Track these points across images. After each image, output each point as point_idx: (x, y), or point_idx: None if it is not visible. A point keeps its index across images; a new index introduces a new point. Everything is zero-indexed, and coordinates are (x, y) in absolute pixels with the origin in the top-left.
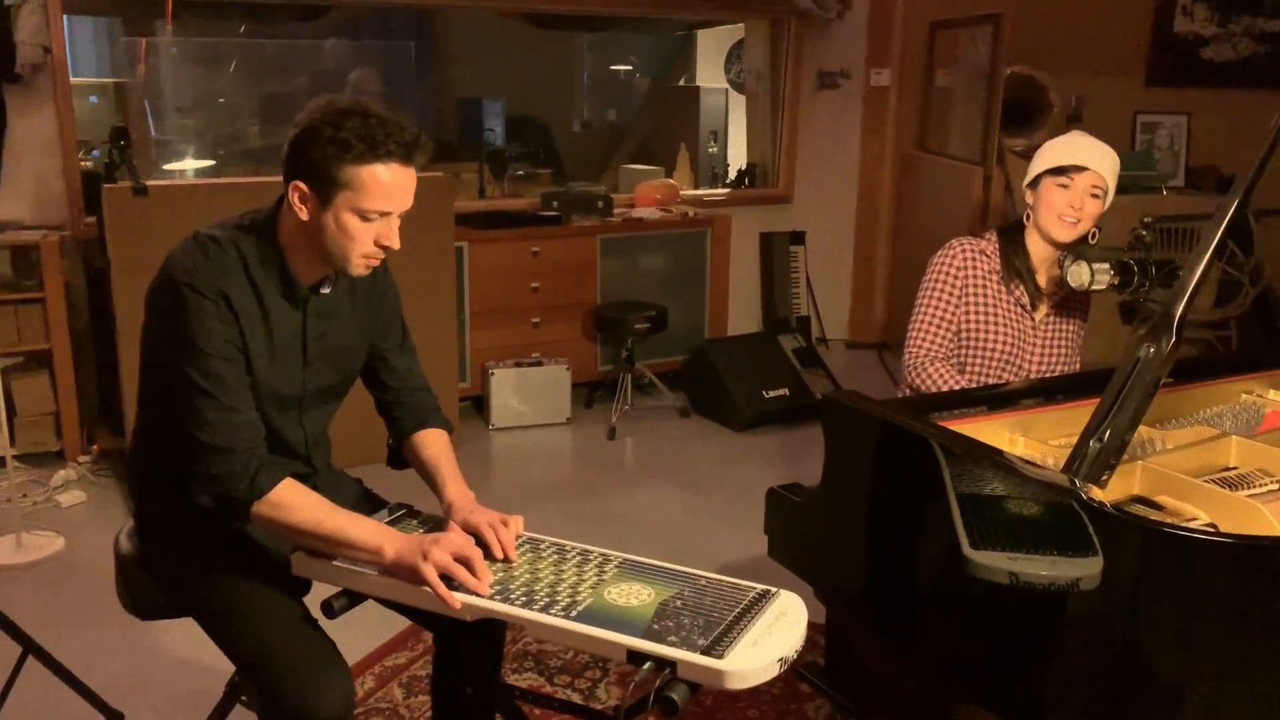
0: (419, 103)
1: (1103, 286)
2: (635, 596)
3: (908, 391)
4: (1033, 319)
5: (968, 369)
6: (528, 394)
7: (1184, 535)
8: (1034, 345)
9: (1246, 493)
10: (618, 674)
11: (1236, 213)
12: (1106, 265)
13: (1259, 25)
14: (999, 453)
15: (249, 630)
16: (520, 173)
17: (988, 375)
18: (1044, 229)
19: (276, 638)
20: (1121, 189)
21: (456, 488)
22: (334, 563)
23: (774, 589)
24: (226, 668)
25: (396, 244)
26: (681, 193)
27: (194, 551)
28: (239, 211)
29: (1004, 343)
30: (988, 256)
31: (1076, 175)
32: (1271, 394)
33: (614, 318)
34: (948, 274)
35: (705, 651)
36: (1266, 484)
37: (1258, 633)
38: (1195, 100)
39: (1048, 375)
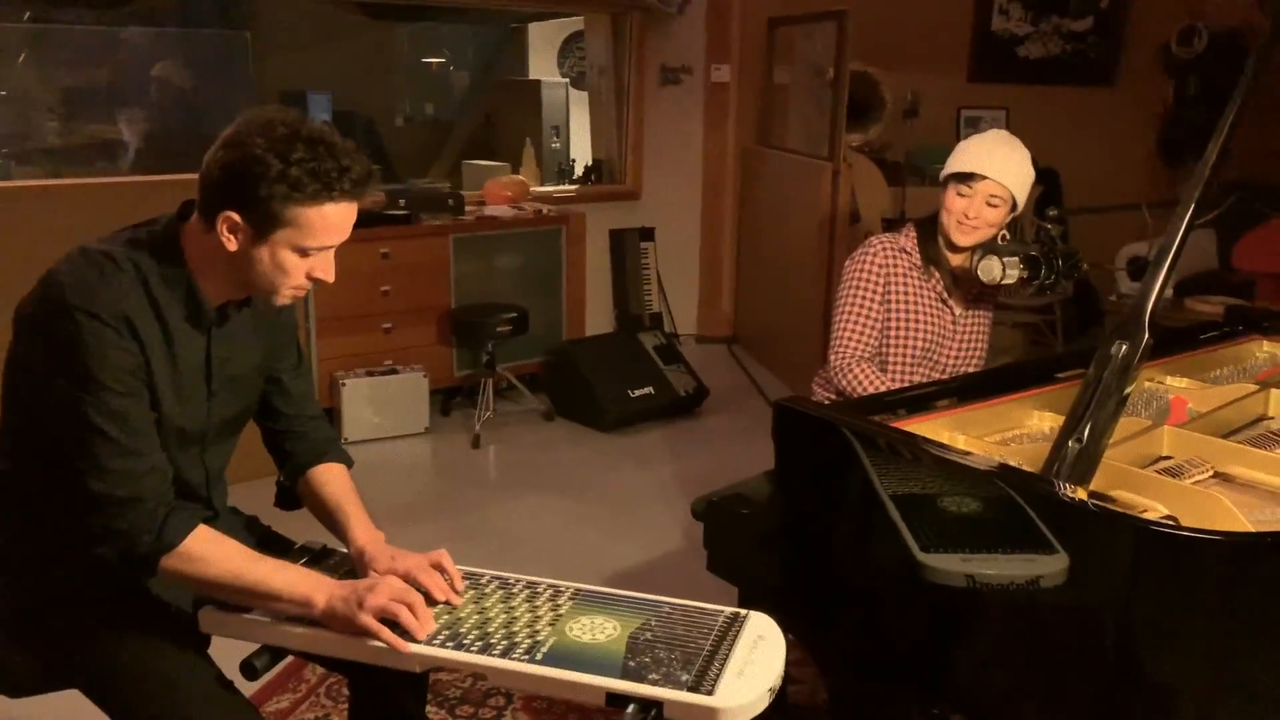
0: (236, 97)
1: (1012, 280)
2: (600, 631)
3: (824, 392)
4: (952, 313)
5: (889, 366)
6: (382, 404)
7: (1178, 534)
8: (952, 339)
9: (1189, 481)
10: (522, 699)
11: (1193, 216)
12: (1016, 259)
13: (1066, 25)
14: (979, 457)
15: (158, 701)
16: None
17: (906, 371)
18: (944, 230)
19: (192, 708)
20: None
21: (365, 530)
22: (249, 615)
23: (742, 611)
24: None
25: (331, 277)
26: (531, 189)
27: (80, 610)
28: (41, 221)
29: (924, 338)
30: (907, 253)
31: (977, 184)
32: (1169, 380)
33: (473, 321)
34: (870, 272)
35: (692, 688)
36: (1206, 471)
37: (1251, 629)
38: (1013, 95)
39: (963, 368)
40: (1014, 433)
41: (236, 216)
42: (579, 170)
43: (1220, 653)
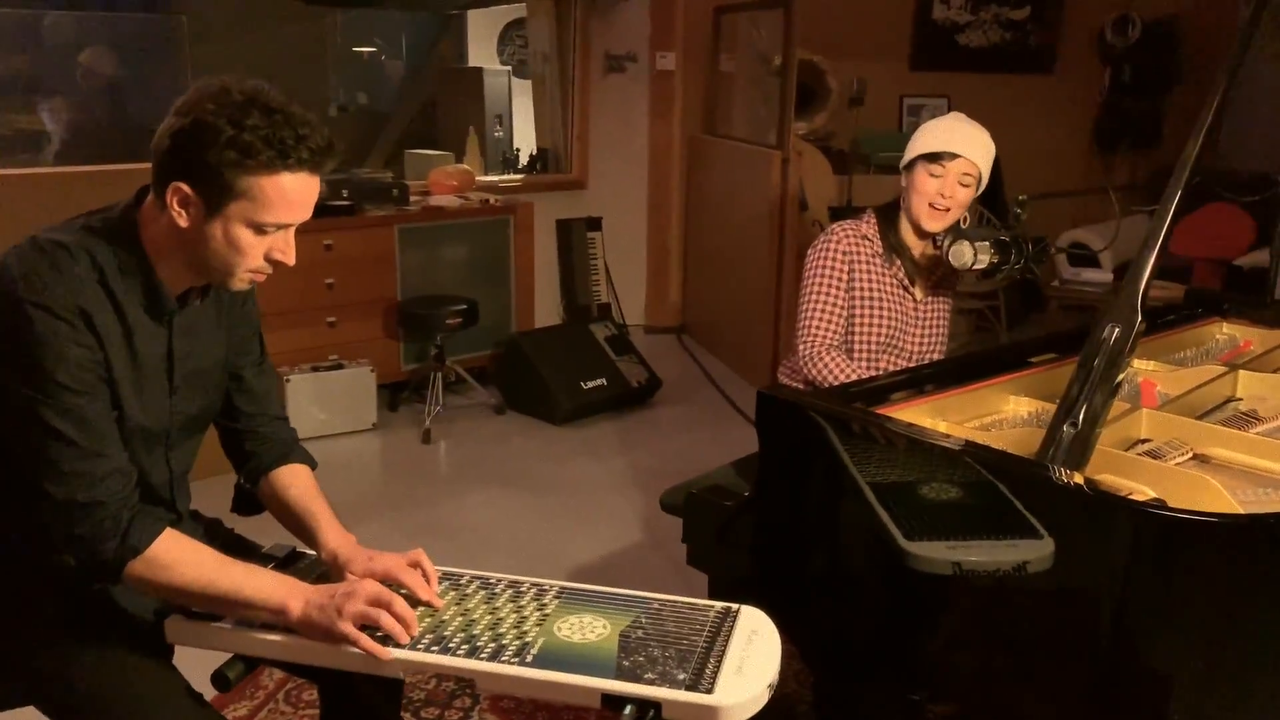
0: (167, 85)
1: (984, 265)
2: (590, 630)
3: (790, 382)
4: (914, 299)
5: (854, 353)
6: (328, 400)
7: (1180, 517)
8: (915, 326)
9: (1172, 463)
10: (489, 699)
11: (1184, 195)
12: (987, 244)
13: (1005, 13)
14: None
15: (124, 716)
16: None
17: (872, 358)
18: (914, 216)
19: None
20: (891, 168)
21: (337, 533)
22: (219, 624)
23: (734, 605)
24: None
25: (292, 259)
26: (476, 179)
27: (35, 621)
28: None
29: (887, 325)
30: (869, 240)
31: (949, 163)
32: (1136, 363)
33: (421, 313)
34: (833, 260)
35: (690, 687)
36: (1186, 453)
37: (1246, 612)
38: (954, 84)
39: (927, 355)
40: (993, 418)
41: (187, 188)
42: (524, 159)
43: (1215, 637)
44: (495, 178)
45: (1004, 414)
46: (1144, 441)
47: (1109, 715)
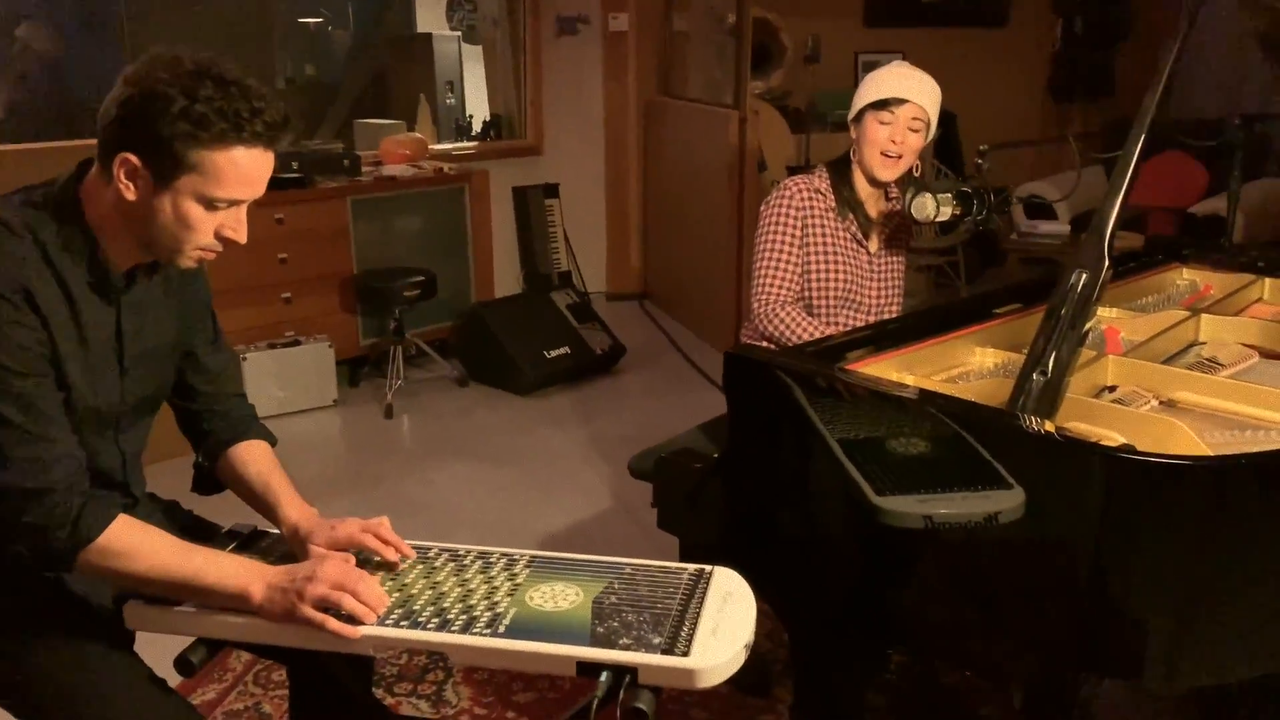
0: (106, 60)
1: (946, 217)
2: (562, 598)
3: (749, 338)
4: (868, 253)
5: (813, 308)
6: (288, 378)
7: (1151, 461)
8: (870, 280)
9: (1140, 409)
10: (462, 672)
11: (1145, 144)
12: (949, 195)
13: None
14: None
15: (87, 710)
16: None
17: (831, 313)
18: (866, 166)
19: (126, 715)
20: (846, 126)
21: (297, 507)
22: (180, 608)
23: (706, 567)
24: None
25: (243, 237)
26: (430, 147)
27: None
28: None
29: (844, 279)
30: (822, 195)
31: (898, 109)
32: (1099, 310)
33: (378, 286)
34: (788, 214)
35: (666, 650)
36: (1153, 399)
37: (1221, 554)
38: (909, 39)
39: (885, 309)
40: (960, 370)
41: (135, 159)
42: (477, 126)
43: (1189, 579)
44: (449, 146)
45: (970, 366)
46: (1111, 388)
47: (1085, 662)
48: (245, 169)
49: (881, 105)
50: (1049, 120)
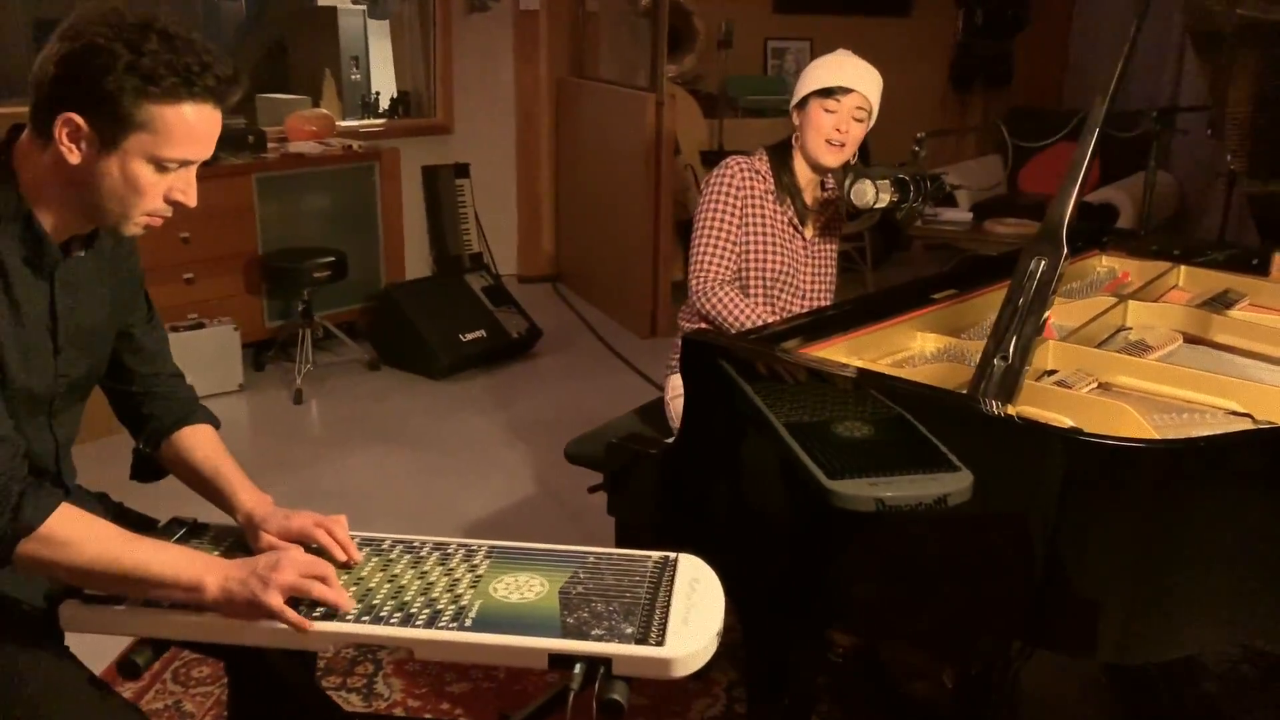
0: None
1: (884, 204)
2: (527, 589)
3: (689, 324)
4: (804, 238)
5: (750, 289)
6: (191, 362)
7: (1115, 444)
8: (806, 265)
9: (1084, 392)
10: (392, 663)
11: (1103, 126)
12: (888, 182)
13: None
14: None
15: (25, 715)
16: None
17: (767, 294)
18: (810, 153)
19: (66, 717)
20: (758, 112)
21: (250, 493)
22: (121, 606)
23: (670, 555)
24: None
25: (193, 200)
26: (336, 124)
27: None
28: None
29: (780, 263)
30: (762, 176)
31: (843, 97)
32: None
33: (286, 267)
34: (728, 193)
35: (640, 640)
36: (1092, 382)
37: (1175, 535)
38: (816, 27)
39: (820, 294)
40: (903, 354)
41: (79, 119)
42: (384, 104)
43: (1144, 559)
44: (355, 123)
45: (913, 350)
46: (1051, 372)
47: (1038, 638)
48: (196, 126)
49: (827, 94)
50: (949, 109)
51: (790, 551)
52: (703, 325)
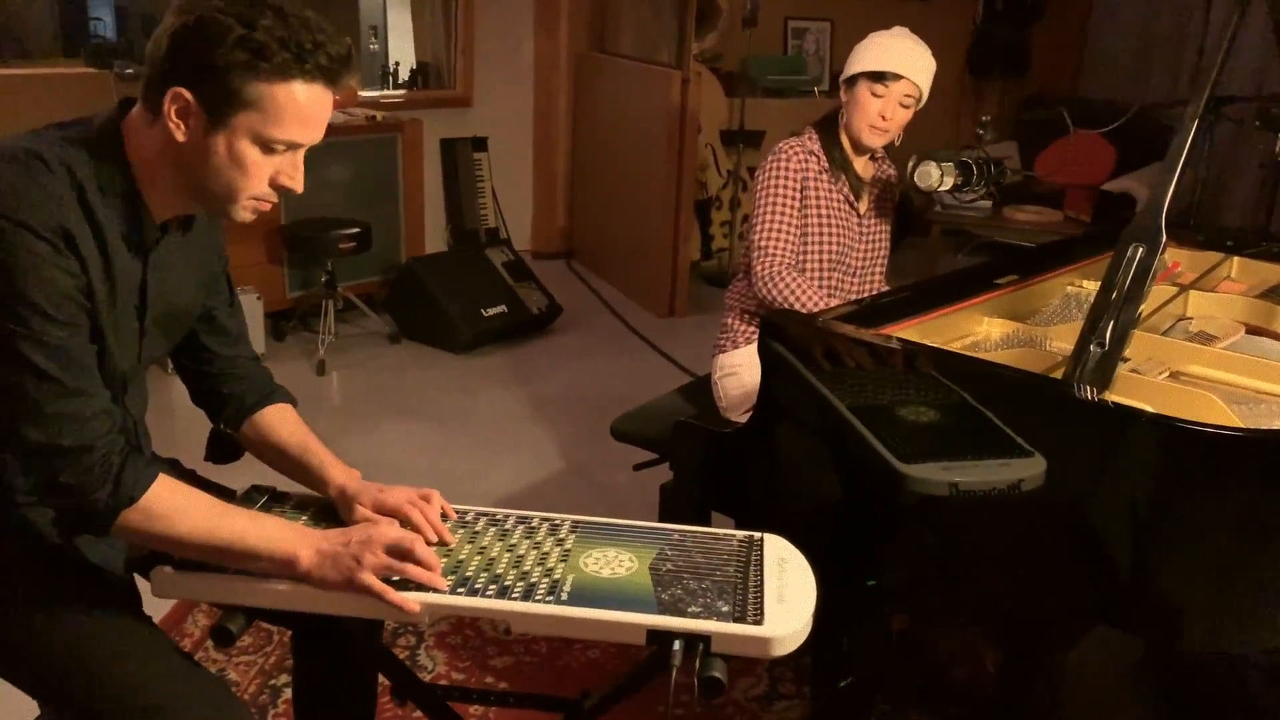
0: None
1: (948, 186)
2: (618, 564)
3: (740, 305)
4: (858, 215)
5: (806, 271)
6: None
7: (1214, 432)
8: (859, 243)
9: (1160, 380)
10: (434, 636)
11: (1205, 111)
12: (952, 165)
13: None
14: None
15: (118, 683)
16: (129, 71)
17: (823, 276)
18: (854, 132)
19: (156, 687)
20: (777, 92)
21: (340, 468)
22: (215, 573)
23: (755, 534)
24: None
25: (300, 186)
26: (359, 94)
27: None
28: None
29: (836, 242)
30: (816, 156)
31: (893, 84)
32: (1086, 284)
33: (310, 237)
34: (787, 177)
35: (738, 619)
36: (1164, 371)
37: (1269, 525)
38: (837, 7)
39: (872, 271)
40: (970, 339)
41: (188, 94)
42: (404, 75)
43: (1238, 548)
44: (375, 93)
45: (979, 335)
46: (1123, 360)
47: (1124, 623)
48: (305, 107)
49: (877, 77)
50: (966, 95)
51: (864, 533)
52: (753, 305)
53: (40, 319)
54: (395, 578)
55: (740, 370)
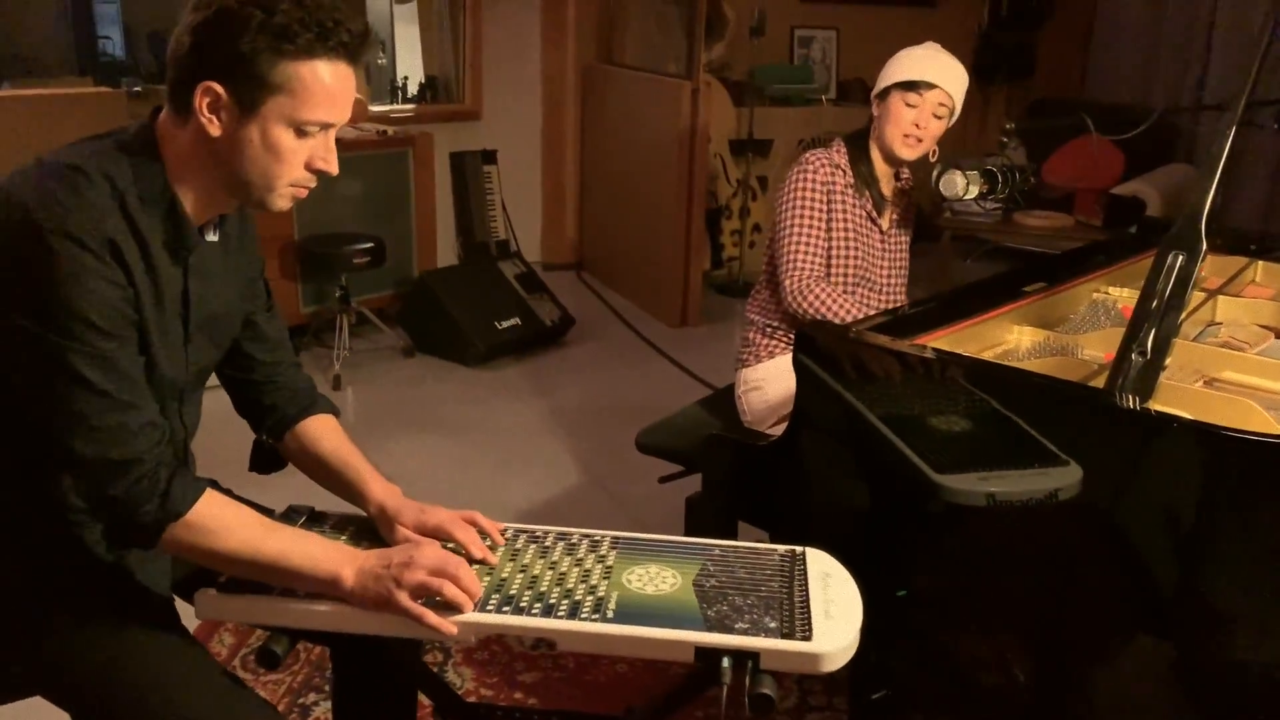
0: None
1: (973, 195)
2: (661, 581)
3: (763, 318)
4: (880, 231)
5: (832, 283)
6: None
7: (1260, 440)
8: (882, 257)
9: (1197, 387)
10: (462, 652)
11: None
12: (977, 174)
13: None
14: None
15: (166, 705)
16: (138, 90)
17: (849, 289)
18: (887, 145)
19: (202, 708)
20: (784, 100)
21: (381, 484)
22: (259, 595)
23: (796, 548)
24: None
25: (335, 168)
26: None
27: (41, 598)
28: None
29: (860, 256)
30: (842, 170)
31: (926, 93)
32: (1113, 291)
33: (324, 252)
34: (813, 189)
35: (786, 635)
36: (1198, 379)
37: None
38: (843, 15)
39: (895, 285)
40: (1001, 348)
41: (218, 87)
42: (413, 89)
43: None
44: (384, 108)
45: (1008, 344)
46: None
47: (1168, 637)
48: (331, 85)
49: (910, 87)
50: (972, 101)
51: (902, 544)
52: (775, 318)
53: (89, 331)
54: (436, 598)
55: (764, 385)
